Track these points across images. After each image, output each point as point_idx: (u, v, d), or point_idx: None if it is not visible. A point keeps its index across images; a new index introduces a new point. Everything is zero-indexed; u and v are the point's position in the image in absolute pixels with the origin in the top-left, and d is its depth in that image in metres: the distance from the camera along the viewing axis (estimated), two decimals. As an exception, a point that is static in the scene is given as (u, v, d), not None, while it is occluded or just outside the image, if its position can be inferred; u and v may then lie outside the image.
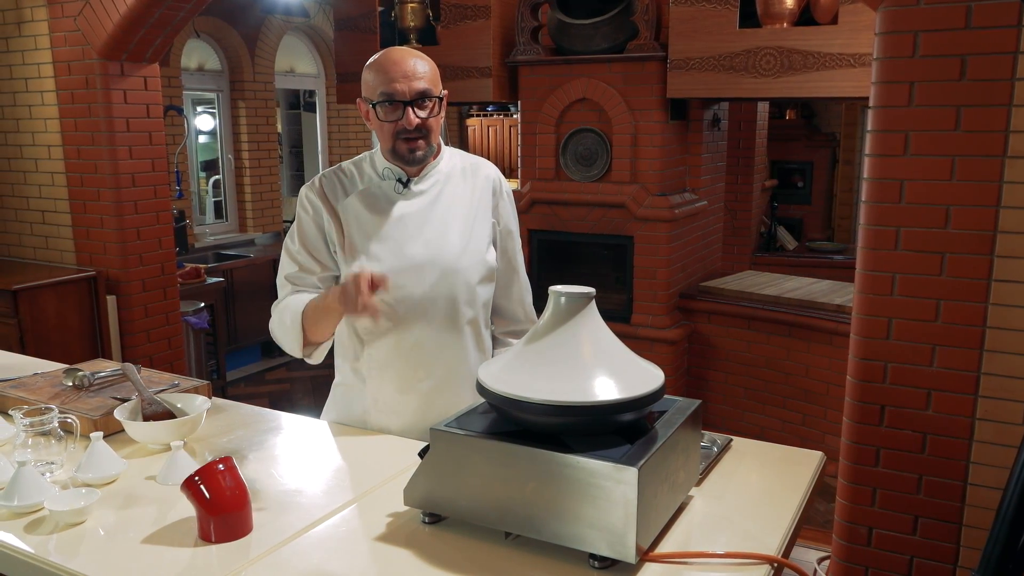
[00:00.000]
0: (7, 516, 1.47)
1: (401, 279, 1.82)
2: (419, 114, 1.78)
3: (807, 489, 1.59)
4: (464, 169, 1.94)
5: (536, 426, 1.33)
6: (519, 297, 2.05)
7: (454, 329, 1.88)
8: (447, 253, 1.85)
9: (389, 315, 1.84)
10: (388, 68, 1.76)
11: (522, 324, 2.05)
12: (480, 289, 1.91)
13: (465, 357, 1.91)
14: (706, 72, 4.23)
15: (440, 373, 1.89)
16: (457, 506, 1.38)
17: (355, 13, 5.18)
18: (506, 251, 2.00)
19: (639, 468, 1.21)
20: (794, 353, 4.40)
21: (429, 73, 1.79)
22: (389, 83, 1.75)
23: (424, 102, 1.78)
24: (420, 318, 1.85)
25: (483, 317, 1.95)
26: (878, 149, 2.42)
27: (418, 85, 1.76)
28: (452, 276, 1.85)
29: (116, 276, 4.21)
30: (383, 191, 1.88)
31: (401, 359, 1.88)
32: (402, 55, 1.79)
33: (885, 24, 2.36)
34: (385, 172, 1.88)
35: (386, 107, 1.77)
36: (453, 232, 1.87)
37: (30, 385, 2.06)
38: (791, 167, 7.95)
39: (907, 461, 2.50)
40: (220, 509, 1.37)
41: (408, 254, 1.83)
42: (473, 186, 1.93)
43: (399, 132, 1.78)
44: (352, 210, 1.86)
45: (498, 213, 1.96)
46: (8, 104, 4.38)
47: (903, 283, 2.42)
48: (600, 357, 1.35)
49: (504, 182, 2.00)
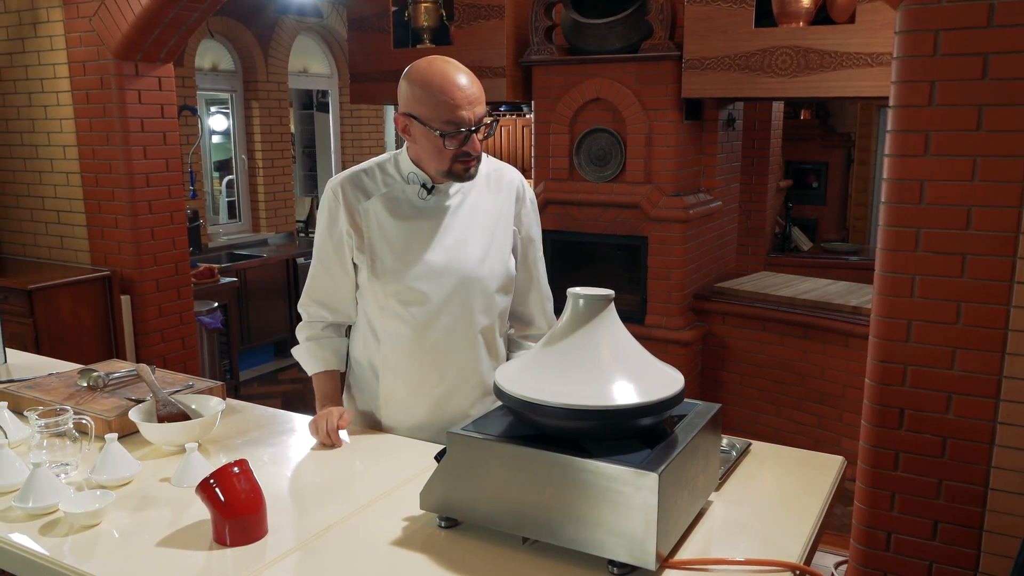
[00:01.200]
0: (22, 517, 1.47)
1: (419, 285, 1.82)
2: (480, 139, 1.75)
3: (828, 494, 1.57)
4: (488, 175, 1.91)
5: (554, 430, 1.31)
6: (539, 305, 2.03)
7: (469, 336, 1.87)
8: (467, 262, 1.84)
9: (406, 320, 1.84)
10: (453, 94, 1.69)
11: (541, 330, 2.04)
12: (498, 298, 1.90)
13: (478, 363, 1.91)
14: (721, 72, 4.20)
15: (452, 378, 1.89)
16: (474, 510, 1.36)
17: (369, 13, 5.17)
18: (527, 259, 1.98)
19: (659, 474, 1.19)
20: (809, 355, 4.36)
21: (482, 93, 1.75)
22: (455, 111, 1.69)
23: (483, 126, 1.75)
24: (436, 324, 1.84)
25: (499, 325, 1.94)
26: (898, 149, 2.39)
27: (480, 110, 1.73)
28: (470, 284, 1.84)
29: (130, 276, 4.22)
30: (406, 196, 1.85)
31: (415, 362, 1.87)
32: (459, 76, 1.72)
33: (905, 23, 2.33)
34: (410, 176, 1.85)
35: (452, 136, 1.71)
36: (474, 240, 1.85)
37: (45, 385, 2.06)
38: (806, 167, 7.89)
39: (927, 465, 2.47)
40: (235, 512, 1.35)
41: (427, 261, 1.82)
42: (497, 193, 1.91)
43: (459, 156, 1.74)
44: (373, 213, 1.84)
45: (520, 221, 1.95)
46: (24, 104, 4.39)
47: (923, 285, 2.39)
48: (619, 360, 1.33)
49: (528, 188, 1.97)
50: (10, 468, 1.56)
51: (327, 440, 1.80)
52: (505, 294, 1.93)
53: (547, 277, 2.06)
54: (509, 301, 1.96)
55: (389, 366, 1.90)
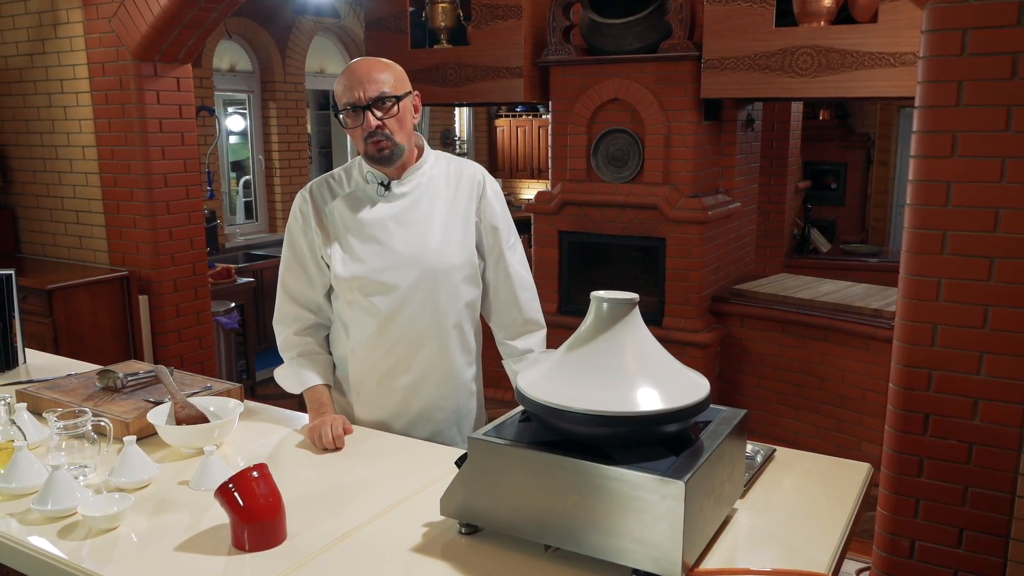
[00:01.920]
0: (40, 520, 1.46)
1: (383, 276, 1.88)
2: (378, 115, 1.84)
3: (855, 503, 1.54)
4: (448, 172, 1.98)
5: (577, 436, 1.29)
6: (512, 296, 2.03)
7: (435, 327, 1.93)
8: (428, 252, 1.89)
9: (371, 311, 1.90)
10: (347, 79, 1.86)
11: (520, 326, 2.04)
12: (463, 288, 1.95)
13: (446, 355, 1.96)
14: (741, 72, 4.16)
15: (420, 370, 1.94)
16: (495, 517, 1.34)
17: (386, 13, 5.17)
18: (492, 249, 2.00)
19: (686, 482, 1.17)
20: (829, 358, 4.31)
21: (388, 77, 1.86)
22: (348, 92, 1.84)
23: (384, 104, 1.84)
24: (400, 314, 1.90)
25: (468, 317, 1.98)
26: (924, 150, 2.35)
27: (373, 90, 1.83)
28: (433, 274, 1.89)
29: (148, 276, 4.22)
30: (367, 194, 1.95)
31: (381, 354, 1.93)
32: (360, 64, 1.88)
33: (932, 21, 2.29)
34: (368, 175, 1.95)
35: (349, 114, 1.85)
36: (434, 231, 1.91)
37: (64, 386, 2.06)
38: (824, 168, 7.83)
39: (952, 472, 2.42)
40: (254, 517, 1.34)
41: (389, 252, 1.89)
42: (457, 186, 1.97)
43: (366, 136, 1.85)
44: (338, 212, 1.94)
45: (481, 212, 1.98)
46: (44, 105, 4.41)
47: (949, 288, 2.35)
48: (644, 365, 1.30)
49: (489, 181, 2.02)
50: (29, 470, 1.56)
51: (331, 447, 1.80)
52: (471, 286, 1.97)
53: (528, 267, 2.07)
54: (476, 293, 1.99)
55: (358, 357, 1.96)
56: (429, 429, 1.96)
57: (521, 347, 2.03)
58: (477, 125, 9.42)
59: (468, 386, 2.03)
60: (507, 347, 2.05)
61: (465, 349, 2.00)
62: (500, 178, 9.58)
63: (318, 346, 2.02)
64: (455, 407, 2.00)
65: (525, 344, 2.03)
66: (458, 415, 2.01)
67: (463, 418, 2.02)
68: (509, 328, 2.04)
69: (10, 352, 2.37)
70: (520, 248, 2.06)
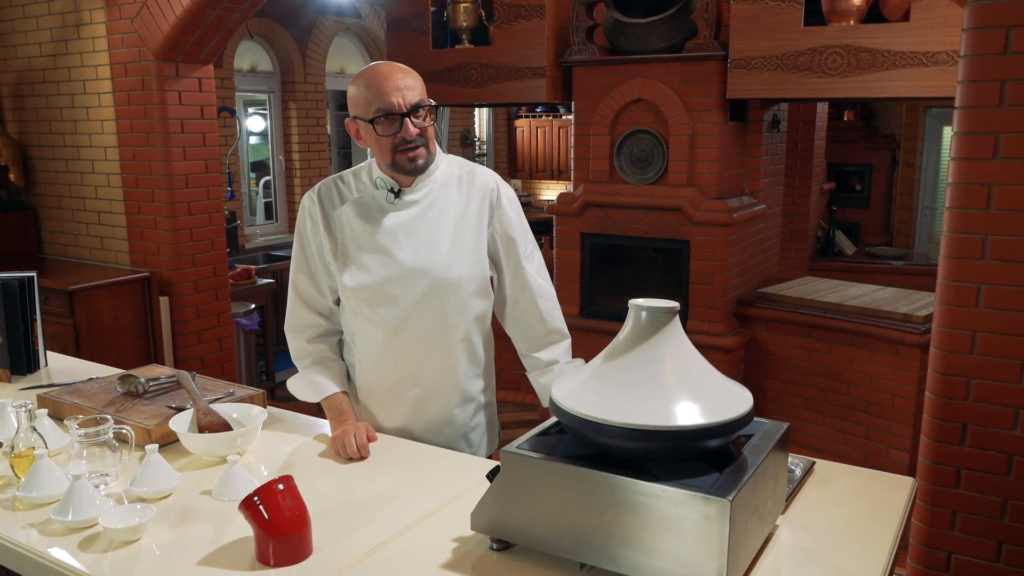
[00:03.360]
0: (61, 531, 1.43)
1: (390, 288, 1.82)
2: (416, 124, 1.77)
3: (901, 520, 1.47)
4: (461, 178, 1.91)
5: (615, 450, 1.24)
6: (533, 308, 1.95)
7: (444, 340, 1.87)
8: (436, 263, 1.83)
9: (378, 323, 1.85)
10: (380, 83, 1.76)
11: (543, 337, 1.97)
12: (473, 301, 1.88)
13: (455, 368, 1.90)
14: (768, 72, 4.09)
15: (429, 382, 1.89)
16: (528, 533, 1.29)
17: (407, 13, 5.14)
18: (509, 260, 1.93)
19: (731, 500, 1.12)
20: (857, 363, 4.23)
21: (418, 84, 1.80)
22: (384, 97, 1.75)
23: (419, 111, 1.78)
24: (409, 327, 1.84)
25: (477, 330, 1.92)
26: (965, 152, 2.28)
27: (412, 97, 1.76)
28: (442, 286, 1.83)
29: (169, 277, 4.21)
30: (376, 201, 1.87)
31: (389, 366, 1.88)
32: (390, 69, 1.79)
33: (974, 19, 2.22)
34: (378, 181, 1.87)
35: (383, 122, 1.76)
36: (443, 241, 1.84)
37: (85, 391, 2.03)
38: (849, 169, 7.71)
39: (991, 483, 2.35)
40: (279, 531, 1.30)
41: (396, 263, 1.82)
42: (469, 195, 1.89)
43: (397, 144, 1.77)
44: (345, 219, 1.87)
45: (495, 222, 1.90)
46: (67, 106, 4.41)
47: (989, 294, 2.28)
48: (685, 377, 1.25)
49: (504, 188, 1.94)
50: (49, 478, 1.52)
51: (356, 456, 1.75)
52: (481, 298, 1.90)
53: (547, 277, 1.99)
54: (487, 305, 1.93)
55: (364, 368, 1.91)
56: (439, 442, 1.90)
57: (546, 359, 1.96)
58: (497, 126, 9.38)
59: (477, 399, 1.97)
60: (531, 359, 1.98)
61: (474, 362, 1.93)
62: (520, 179, 9.53)
63: (332, 352, 1.96)
64: (464, 420, 1.95)
65: (550, 355, 1.96)
66: (467, 428, 1.96)
67: (472, 431, 1.97)
68: (532, 340, 1.97)
69: (32, 355, 2.35)
70: (538, 256, 1.98)
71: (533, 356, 1.98)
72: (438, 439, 1.92)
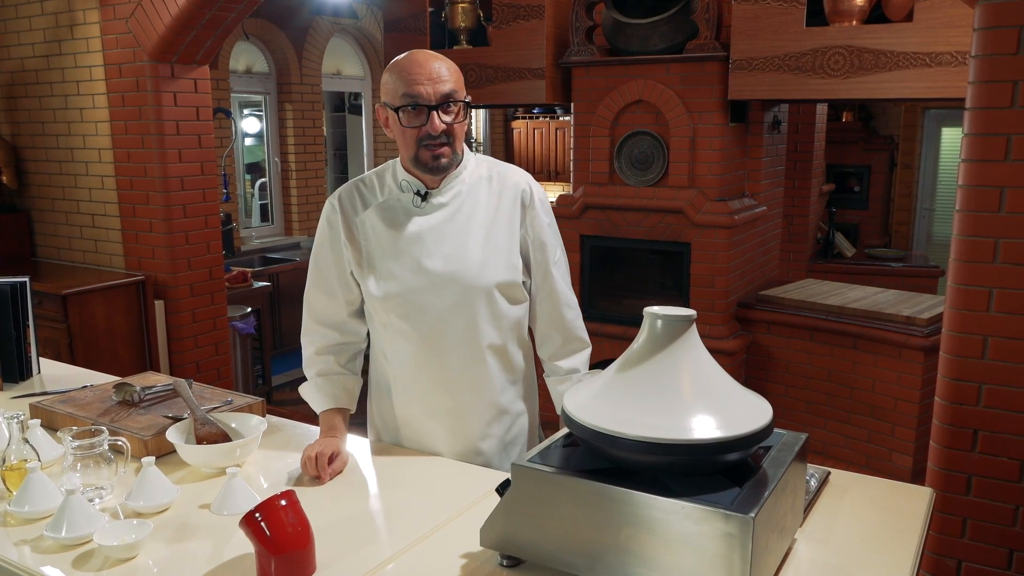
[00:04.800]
0: (54, 548, 1.38)
1: (419, 297, 1.72)
2: (444, 119, 1.66)
3: (922, 533, 1.43)
4: (491, 178, 1.80)
5: (630, 464, 1.19)
6: (557, 315, 1.87)
7: (477, 350, 1.76)
8: (467, 270, 1.72)
9: (409, 336, 1.75)
10: (412, 70, 1.64)
11: (564, 344, 1.90)
12: (506, 308, 1.78)
13: (490, 379, 1.79)
14: (770, 72, 4.05)
15: (466, 397, 1.78)
16: (540, 550, 1.25)
17: (405, 14, 5.09)
18: (540, 265, 1.83)
19: (754, 518, 1.07)
20: (860, 366, 4.20)
21: (454, 76, 1.68)
22: (412, 85, 1.63)
23: (449, 106, 1.67)
24: (441, 338, 1.74)
25: (513, 337, 1.82)
26: (976, 154, 2.24)
27: (443, 88, 1.65)
28: (473, 293, 1.72)
29: (164, 281, 4.16)
30: (401, 204, 1.76)
31: (423, 381, 1.78)
32: (426, 57, 1.67)
33: (985, 19, 2.18)
34: (404, 184, 1.76)
35: (409, 112, 1.65)
36: (474, 246, 1.73)
37: (79, 400, 1.97)
38: (847, 171, 7.69)
39: (1002, 490, 2.32)
40: (282, 548, 1.25)
41: (425, 271, 1.72)
42: (500, 196, 1.79)
43: (422, 139, 1.66)
44: (369, 224, 1.77)
45: (528, 225, 1.80)
46: (60, 107, 4.35)
47: (1001, 298, 2.25)
48: (703, 388, 1.21)
49: (536, 190, 1.84)
50: (42, 492, 1.47)
51: (314, 474, 1.66)
52: (516, 303, 1.80)
53: (570, 283, 1.92)
54: (521, 312, 1.83)
55: (399, 386, 1.82)
56: (480, 460, 1.81)
57: (566, 367, 1.89)
58: (494, 127, 9.33)
59: (514, 409, 1.87)
60: (551, 366, 1.91)
61: (511, 370, 1.84)
62: (516, 180, 9.46)
63: (338, 366, 1.87)
64: (501, 433, 1.85)
65: (570, 364, 1.89)
66: (503, 441, 1.86)
67: (510, 445, 1.87)
68: (553, 348, 1.90)
69: (24, 363, 2.30)
70: (565, 262, 1.89)
71: (553, 363, 1.91)
72: (479, 459, 1.81)
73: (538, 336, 1.91)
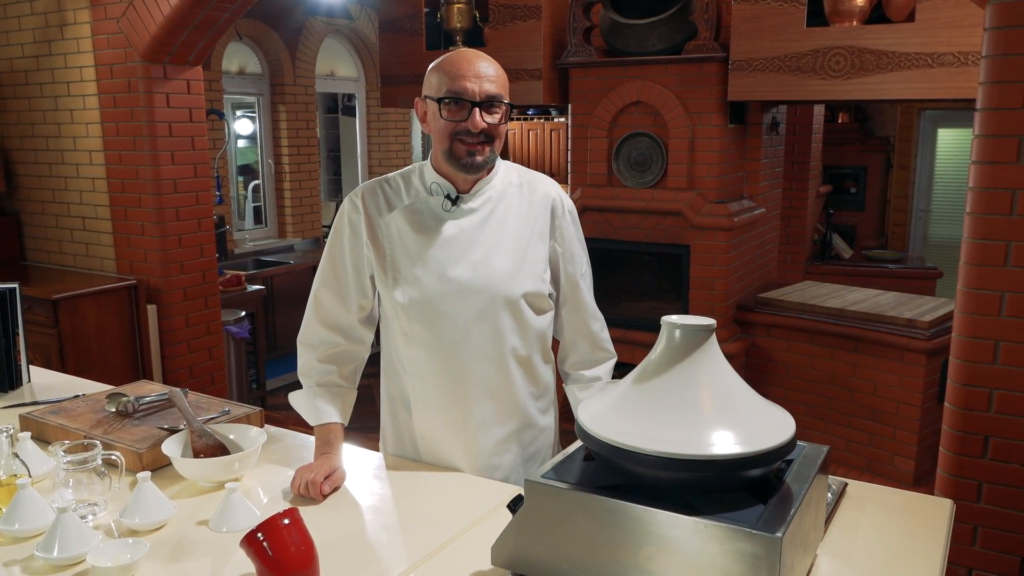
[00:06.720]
0: (45, 569, 1.32)
1: (444, 305, 1.67)
2: (487, 119, 1.63)
3: (945, 546, 1.39)
4: (521, 185, 1.76)
5: (648, 480, 1.14)
6: (584, 327, 1.83)
7: (501, 362, 1.71)
8: (496, 278, 1.67)
9: (431, 345, 1.69)
10: (460, 65, 1.62)
11: (589, 355, 1.86)
12: (532, 318, 1.73)
13: (514, 391, 1.74)
14: (770, 73, 4.01)
15: (488, 409, 1.73)
16: (554, 569, 1.20)
17: (400, 15, 5.03)
18: (569, 277, 1.79)
19: (782, 537, 1.02)
20: (861, 369, 4.16)
21: (501, 78, 1.66)
22: (459, 80, 1.61)
23: (493, 107, 1.64)
24: (464, 348, 1.68)
25: (538, 349, 1.77)
26: (987, 156, 2.20)
27: (489, 88, 1.62)
28: (500, 304, 1.68)
29: (157, 285, 4.09)
30: (429, 207, 1.71)
31: (445, 390, 1.71)
32: (475, 55, 1.66)
33: (997, 18, 2.15)
34: (433, 187, 1.72)
35: (451, 106, 1.62)
36: (503, 255, 1.69)
37: (71, 410, 1.91)
38: (843, 172, 7.67)
39: (1014, 497, 2.28)
40: (285, 569, 1.20)
41: (452, 278, 1.67)
42: (530, 204, 1.75)
43: (458, 132, 1.63)
44: (395, 227, 1.71)
45: (558, 235, 1.76)
46: (50, 108, 4.28)
47: (1013, 303, 2.21)
48: (723, 401, 1.16)
49: (566, 200, 1.80)
50: (32, 509, 1.42)
51: (304, 493, 1.60)
52: (540, 314, 1.76)
53: (593, 291, 1.88)
54: (546, 323, 1.79)
55: (419, 398, 1.75)
56: (498, 475, 1.75)
57: (589, 376, 1.84)
58: (488, 128, 9.27)
59: (538, 424, 1.82)
60: (575, 375, 1.87)
61: (536, 383, 1.78)
62: (511, 182, 9.42)
63: (340, 378, 1.80)
64: (522, 447, 1.79)
65: (594, 373, 1.85)
66: (524, 456, 1.80)
67: (529, 460, 1.81)
68: (579, 357, 1.86)
69: (14, 371, 2.23)
70: (590, 273, 1.86)
71: (577, 372, 1.87)
72: (498, 473, 1.76)
73: (564, 346, 1.87)
